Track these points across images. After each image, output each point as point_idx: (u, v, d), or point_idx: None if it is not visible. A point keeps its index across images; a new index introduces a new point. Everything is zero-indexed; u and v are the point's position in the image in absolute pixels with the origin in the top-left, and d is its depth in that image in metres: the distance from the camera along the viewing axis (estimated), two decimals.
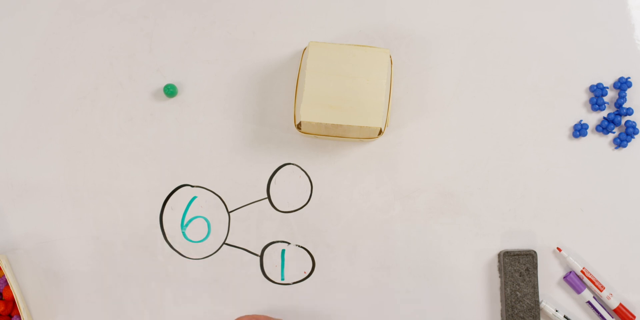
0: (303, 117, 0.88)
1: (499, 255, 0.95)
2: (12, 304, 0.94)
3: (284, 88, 0.98)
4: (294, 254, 0.96)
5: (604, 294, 0.94)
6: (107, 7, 1.00)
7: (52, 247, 0.95)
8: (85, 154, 0.97)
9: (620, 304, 0.94)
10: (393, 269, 0.95)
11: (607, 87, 0.98)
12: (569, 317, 0.94)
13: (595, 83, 0.98)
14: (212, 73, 0.98)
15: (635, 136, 0.97)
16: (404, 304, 0.95)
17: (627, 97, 0.97)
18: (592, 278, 0.94)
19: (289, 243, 0.96)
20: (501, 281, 0.94)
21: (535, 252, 0.94)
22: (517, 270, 0.93)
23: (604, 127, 0.97)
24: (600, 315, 0.94)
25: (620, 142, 0.97)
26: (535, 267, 0.93)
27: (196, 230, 0.96)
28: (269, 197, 0.97)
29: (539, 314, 0.93)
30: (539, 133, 0.97)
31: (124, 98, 0.98)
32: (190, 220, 0.96)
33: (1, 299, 0.94)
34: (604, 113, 0.98)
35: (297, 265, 0.96)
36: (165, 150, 0.97)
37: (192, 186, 0.97)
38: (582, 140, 0.97)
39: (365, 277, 0.95)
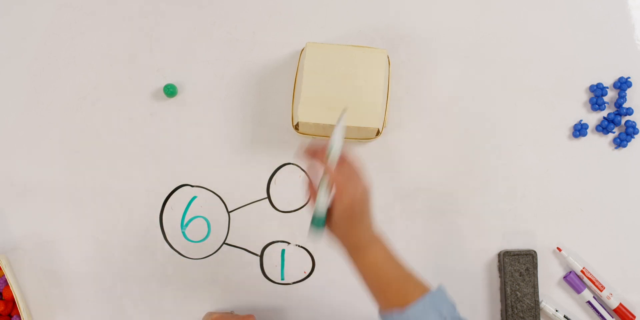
0: (300, 118, 0.88)
1: (499, 255, 0.95)
2: (12, 304, 0.94)
3: (284, 88, 0.98)
4: (294, 254, 0.96)
5: (604, 294, 0.94)
6: (107, 7, 1.00)
7: (52, 247, 0.96)
8: (85, 154, 0.97)
9: (620, 304, 0.94)
10: None
11: (607, 87, 0.97)
12: (569, 317, 0.94)
13: (595, 83, 0.98)
14: (212, 73, 0.98)
15: (635, 136, 0.97)
16: None
17: (627, 97, 0.97)
18: (592, 278, 0.94)
19: (289, 243, 0.96)
20: (501, 281, 0.94)
21: (535, 252, 0.94)
22: (517, 270, 0.93)
23: (604, 127, 0.97)
24: (600, 315, 0.94)
25: (620, 142, 0.96)
26: (535, 267, 0.93)
27: (196, 230, 0.96)
28: (269, 197, 0.97)
29: (539, 314, 0.93)
30: (539, 133, 0.97)
31: (124, 98, 0.98)
32: (190, 220, 0.96)
33: (1, 299, 0.94)
34: (604, 113, 0.98)
35: (297, 265, 0.96)
36: (165, 150, 0.97)
37: (192, 186, 0.97)
38: (582, 140, 0.97)
39: None
